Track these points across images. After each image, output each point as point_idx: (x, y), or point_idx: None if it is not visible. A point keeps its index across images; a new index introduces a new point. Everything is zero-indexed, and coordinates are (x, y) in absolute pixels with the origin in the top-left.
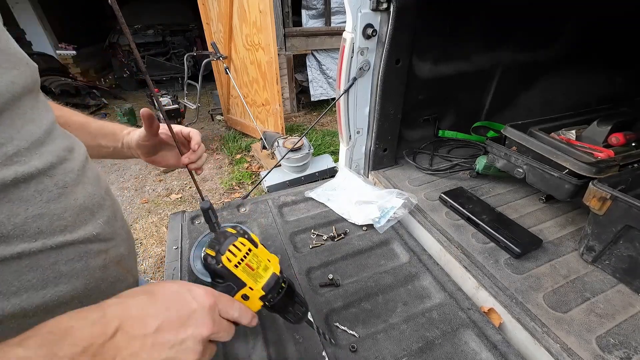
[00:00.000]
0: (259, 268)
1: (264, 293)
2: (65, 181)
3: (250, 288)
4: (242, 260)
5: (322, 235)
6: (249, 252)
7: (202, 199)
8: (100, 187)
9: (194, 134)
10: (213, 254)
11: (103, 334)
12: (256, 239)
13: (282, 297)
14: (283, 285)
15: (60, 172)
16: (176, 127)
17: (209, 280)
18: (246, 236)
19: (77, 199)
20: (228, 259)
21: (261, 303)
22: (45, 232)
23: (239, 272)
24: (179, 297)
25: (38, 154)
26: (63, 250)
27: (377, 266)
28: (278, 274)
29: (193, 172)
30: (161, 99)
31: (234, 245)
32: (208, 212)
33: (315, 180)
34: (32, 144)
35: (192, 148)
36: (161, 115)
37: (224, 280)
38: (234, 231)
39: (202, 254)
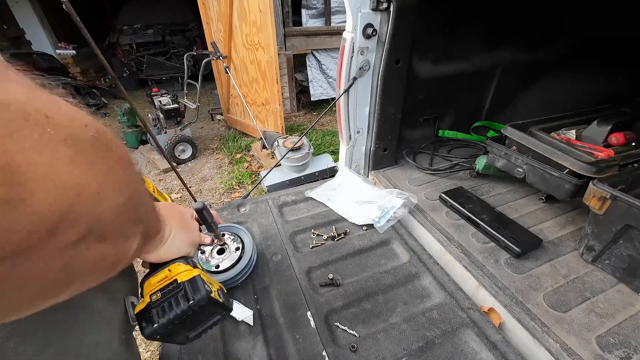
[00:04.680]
0: (162, 194)
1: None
2: None
3: None
4: (153, 188)
5: (322, 235)
6: None
7: (195, 200)
8: None
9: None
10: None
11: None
12: None
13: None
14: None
15: None
16: None
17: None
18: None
19: None
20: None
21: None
22: None
23: (157, 195)
24: (171, 204)
25: None
26: None
27: (377, 266)
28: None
29: (180, 175)
30: (161, 99)
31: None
32: (202, 213)
33: (315, 180)
34: None
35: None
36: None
37: None
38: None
39: None
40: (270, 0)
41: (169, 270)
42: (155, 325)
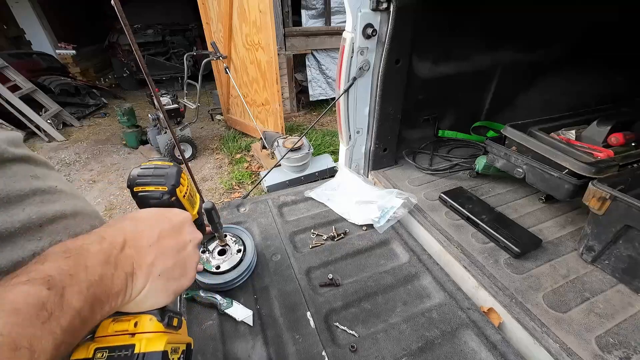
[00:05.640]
0: (193, 196)
1: (197, 217)
2: None
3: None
4: (187, 190)
5: (322, 235)
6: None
7: (203, 200)
8: None
9: None
10: (164, 189)
11: (113, 248)
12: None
13: (208, 216)
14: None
15: None
16: None
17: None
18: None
19: None
20: (180, 190)
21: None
22: None
23: (185, 202)
24: (162, 215)
25: None
26: None
27: (377, 266)
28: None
29: (191, 171)
30: (161, 99)
31: (182, 177)
32: (211, 213)
33: (315, 180)
34: None
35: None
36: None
37: None
38: (170, 163)
39: (141, 193)
40: (270, 0)
41: (135, 324)
42: None
